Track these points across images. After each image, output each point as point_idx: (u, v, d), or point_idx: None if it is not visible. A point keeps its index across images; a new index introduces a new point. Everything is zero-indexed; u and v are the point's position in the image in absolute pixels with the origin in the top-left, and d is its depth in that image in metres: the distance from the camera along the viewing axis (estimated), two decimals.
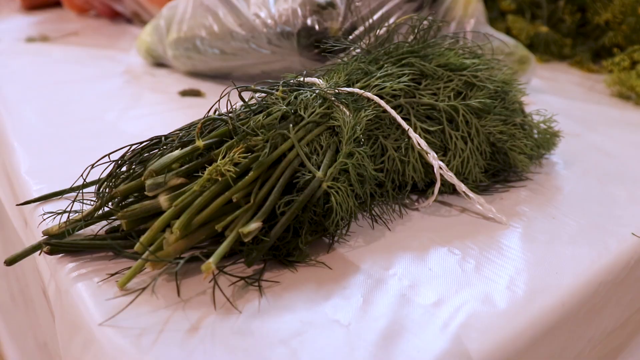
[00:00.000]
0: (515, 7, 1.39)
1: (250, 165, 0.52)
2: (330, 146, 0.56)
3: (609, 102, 1.10)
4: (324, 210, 0.55)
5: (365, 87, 0.62)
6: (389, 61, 0.67)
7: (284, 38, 0.84)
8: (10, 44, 1.31)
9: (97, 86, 1.04)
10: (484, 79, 0.67)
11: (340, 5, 0.84)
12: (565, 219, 0.66)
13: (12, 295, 1.21)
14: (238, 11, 0.91)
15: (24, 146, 0.79)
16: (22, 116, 0.90)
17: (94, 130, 0.85)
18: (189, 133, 0.58)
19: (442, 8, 0.96)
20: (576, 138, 0.90)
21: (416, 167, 0.61)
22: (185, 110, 0.91)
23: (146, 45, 1.10)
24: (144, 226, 0.53)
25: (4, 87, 1.02)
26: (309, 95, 0.59)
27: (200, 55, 0.98)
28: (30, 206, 0.65)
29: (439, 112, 0.64)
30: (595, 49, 1.37)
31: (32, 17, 1.60)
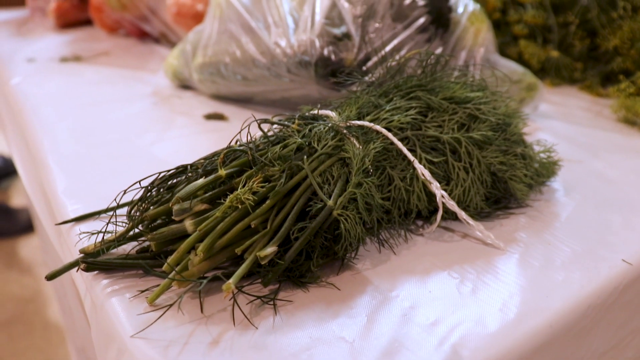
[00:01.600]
0: (528, 32, 1.43)
1: (268, 194, 0.58)
2: (340, 176, 0.62)
3: (614, 128, 1.14)
4: (334, 235, 0.60)
5: (375, 120, 0.68)
6: (398, 94, 0.72)
7: (302, 67, 0.90)
8: (45, 63, 1.38)
9: (127, 107, 1.10)
10: (487, 112, 0.73)
11: (355, 37, 0.89)
12: (560, 245, 0.71)
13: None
14: (260, 39, 0.97)
15: (60, 166, 0.86)
16: (57, 136, 0.96)
17: (125, 152, 0.91)
18: (212, 162, 0.64)
19: (453, 38, 1.01)
20: (578, 164, 0.95)
21: (420, 197, 0.66)
22: (210, 134, 0.97)
23: (173, 69, 1.17)
24: (171, 247, 0.59)
25: (41, 108, 1.09)
26: (323, 128, 0.65)
27: (224, 80, 1.04)
28: (67, 225, 0.71)
29: (443, 143, 0.69)
30: (606, 73, 1.41)
31: (65, 35, 1.67)
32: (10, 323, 2.13)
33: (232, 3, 1.05)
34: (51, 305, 2.21)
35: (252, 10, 1.02)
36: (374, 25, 0.91)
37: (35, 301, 2.26)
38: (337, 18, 0.91)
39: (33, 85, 1.22)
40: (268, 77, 0.96)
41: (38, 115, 1.05)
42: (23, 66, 1.35)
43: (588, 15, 1.39)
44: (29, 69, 1.34)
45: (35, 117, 1.04)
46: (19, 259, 2.62)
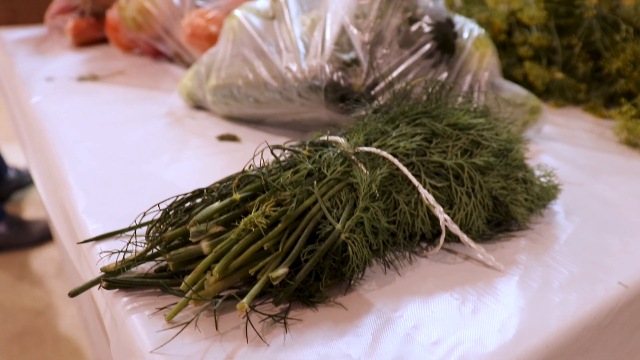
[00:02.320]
0: (533, 53, 1.46)
1: (280, 218, 0.62)
2: (348, 201, 0.65)
3: (616, 150, 1.17)
4: (342, 257, 0.64)
5: (382, 146, 0.71)
6: (404, 120, 0.76)
7: (313, 92, 0.94)
8: (64, 82, 1.42)
9: (143, 127, 1.14)
10: (489, 138, 0.76)
11: (363, 63, 0.93)
12: (558, 267, 0.74)
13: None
14: (272, 64, 1.01)
15: (79, 186, 0.89)
16: (76, 156, 1.00)
17: (142, 172, 0.95)
18: (227, 186, 0.67)
19: (458, 62, 1.05)
20: (579, 187, 0.98)
21: (425, 220, 0.70)
22: (223, 155, 1.01)
23: (187, 90, 1.21)
24: (188, 267, 0.63)
25: (60, 127, 1.13)
26: (332, 154, 0.68)
27: (237, 102, 1.08)
28: (88, 243, 0.75)
29: (447, 169, 0.73)
30: (609, 94, 1.44)
31: (82, 54, 1.72)
32: (22, 335, 2.17)
33: (245, 27, 1.09)
34: (62, 318, 2.24)
35: (264, 35, 1.06)
36: (381, 51, 0.94)
37: (47, 313, 2.29)
38: (347, 44, 0.95)
39: (52, 104, 1.26)
40: (279, 100, 0.99)
41: (58, 135, 1.09)
42: (42, 85, 1.39)
43: (591, 38, 1.42)
44: (48, 87, 1.38)
45: (55, 136, 1.08)
46: (31, 271, 2.66)
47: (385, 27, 0.95)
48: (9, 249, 2.84)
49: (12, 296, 2.42)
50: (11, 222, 2.87)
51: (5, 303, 2.37)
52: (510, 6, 1.50)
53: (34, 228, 2.91)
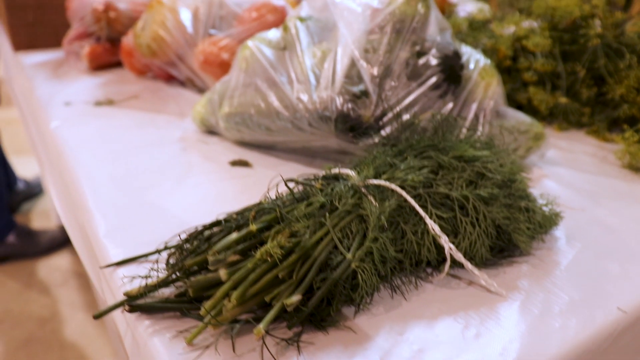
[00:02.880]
0: (537, 78, 1.50)
1: (294, 248, 0.66)
2: (359, 231, 0.69)
3: (618, 174, 1.20)
4: (352, 284, 0.67)
5: (390, 178, 0.75)
6: (412, 153, 0.80)
7: (323, 122, 0.98)
8: (81, 106, 1.46)
9: (158, 152, 1.18)
10: (493, 170, 0.80)
11: (372, 95, 0.97)
12: (559, 293, 0.77)
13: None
14: (284, 94, 1.05)
15: (100, 210, 0.93)
16: (96, 181, 1.04)
17: (159, 197, 0.99)
18: (244, 216, 0.71)
19: (464, 92, 1.08)
20: (581, 212, 1.01)
21: (430, 249, 0.73)
22: (236, 181, 1.05)
23: (201, 116, 1.25)
24: (207, 293, 0.67)
25: (79, 152, 1.17)
26: (343, 187, 0.72)
27: (249, 130, 1.12)
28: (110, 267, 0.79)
29: (452, 200, 0.76)
30: (613, 118, 1.47)
31: (98, 77, 1.76)
32: (29, 342, 2.22)
33: (258, 58, 1.13)
34: (68, 326, 2.31)
35: (276, 65, 1.10)
36: (390, 83, 0.98)
37: (54, 321, 2.35)
38: (356, 77, 0.99)
39: (71, 128, 1.31)
40: (290, 129, 1.03)
41: (77, 159, 1.13)
42: (61, 109, 1.44)
43: (595, 65, 1.45)
44: (66, 112, 1.42)
45: (75, 161, 1.12)
46: (39, 279, 2.71)
47: (394, 60, 0.99)
48: (18, 258, 2.90)
49: (21, 304, 2.48)
50: (20, 232, 2.93)
51: (14, 310, 2.44)
52: (515, 32, 1.54)
53: (42, 238, 2.97)
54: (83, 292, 2.57)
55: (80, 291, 2.57)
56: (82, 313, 2.39)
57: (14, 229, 2.91)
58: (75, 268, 2.78)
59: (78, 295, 2.56)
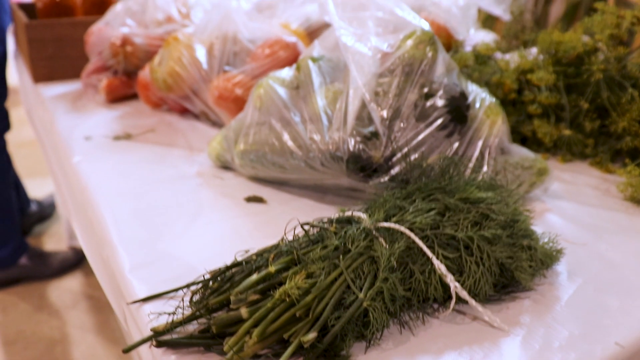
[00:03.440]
0: (541, 111, 1.54)
1: (310, 289, 0.71)
2: (370, 272, 0.74)
3: (620, 207, 1.23)
4: (364, 321, 0.72)
5: (400, 221, 0.80)
6: (420, 196, 0.85)
7: (335, 162, 1.03)
8: (101, 141, 1.52)
9: (176, 187, 1.23)
10: (497, 211, 0.85)
11: (382, 137, 1.02)
12: (559, 328, 0.81)
13: None
14: (297, 134, 1.10)
15: (124, 246, 0.99)
16: (118, 217, 1.09)
17: (179, 233, 1.04)
18: (263, 257, 0.76)
19: (470, 131, 1.13)
20: (582, 247, 1.05)
21: (437, 288, 0.78)
22: (251, 217, 1.10)
23: (216, 152, 1.31)
24: (229, 330, 0.72)
25: (101, 187, 1.22)
26: (355, 230, 0.77)
27: (263, 167, 1.17)
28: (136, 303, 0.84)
29: (458, 240, 0.81)
30: (616, 149, 1.51)
31: (115, 110, 1.82)
32: None
33: (272, 97, 1.19)
34: (78, 347, 2.38)
35: (290, 105, 1.16)
36: (399, 125, 1.04)
37: (63, 342, 2.42)
38: (367, 118, 1.04)
39: (92, 163, 1.36)
40: (304, 168, 1.08)
41: (100, 195, 1.19)
42: (81, 144, 1.50)
43: (598, 99, 1.50)
44: (86, 147, 1.48)
45: (98, 197, 1.18)
46: (50, 301, 2.77)
47: (403, 102, 1.04)
48: (30, 280, 2.95)
49: (32, 325, 2.55)
50: (32, 254, 2.98)
51: (25, 331, 2.50)
52: (520, 66, 1.59)
53: (53, 259, 3.03)
54: (93, 315, 2.62)
55: (90, 313, 2.63)
56: (92, 335, 2.45)
57: (27, 252, 2.97)
58: (85, 290, 2.83)
59: (88, 317, 2.61)
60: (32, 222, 3.49)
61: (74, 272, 3.00)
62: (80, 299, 2.76)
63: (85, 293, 2.82)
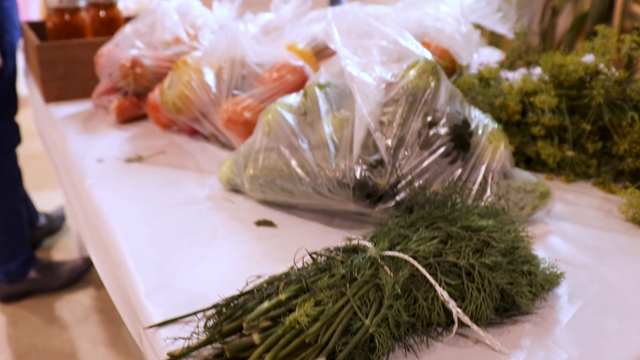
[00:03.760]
0: (545, 132, 1.57)
1: (319, 316, 0.74)
2: (376, 299, 0.78)
3: (621, 229, 1.26)
4: (370, 346, 0.76)
5: (404, 249, 0.84)
6: (423, 224, 0.88)
7: (342, 189, 1.06)
8: (113, 163, 1.56)
9: (188, 211, 1.27)
10: (497, 238, 0.88)
11: (387, 165, 1.06)
12: (558, 350, 0.84)
13: None
14: (305, 160, 1.14)
15: (139, 271, 1.02)
16: (133, 240, 1.13)
17: (192, 257, 1.08)
18: (273, 285, 0.80)
19: (473, 157, 1.16)
20: (583, 269, 1.08)
21: (440, 313, 0.82)
22: (262, 241, 1.14)
23: (227, 176, 1.34)
24: (242, 355, 0.75)
25: (114, 210, 1.26)
26: (361, 259, 0.81)
27: (272, 192, 1.21)
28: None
29: (460, 268, 0.85)
30: (619, 170, 1.53)
31: (125, 131, 1.86)
32: None
33: (280, 123, 1.23)
34: None
35: (297, 132, 1.20)
36: (404, 153, 1.07)
37: (75, 356, 2.46)
38: (372, 146, 1.08)
39: (105, 187, 1.40)
40: (311, 193, 1.12)
41: (113, 218, 1.22)
42: (94, 166, 1.54)
43: (600, 122, 1.53)
44: (99, 169, 1.52)
45: (112, 220, 1.22)
46: (60, 314, 2.80)
47: (407, 131, 1.08)
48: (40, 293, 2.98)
49: (43, 339, 2.59)
50: (41, 267, 3.01)
51: (37, 345, 2.55)
52: (523, 88, 1.61)
53: (62, 270, 3.05)
54: (104, 328, 2.64)
55: (101, 327, 2.65)
56: (104, 348, 2.48)
57: (36, 265, 3.00)
58: (96, 303, 2.86)
59: (99, 330, 2.64)
60: (41, 236, 3.52)
61: (85, 285, 3.03)
62: (91, 312, 2.79)
63: (96, 306, 2.85)
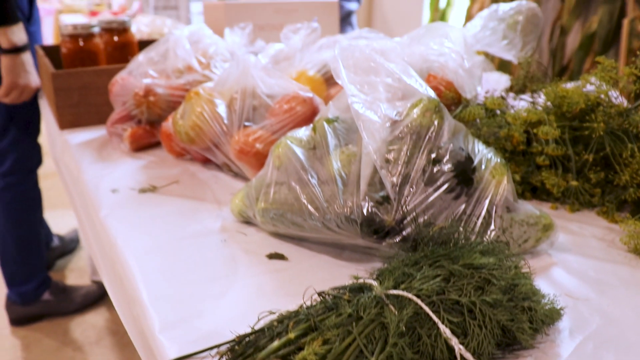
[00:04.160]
0: (549, 162, 1.60)
1: (326, 354, 0.78)
2: (381, 337, 0.81)
3: (624, 260, 1.28)
4: None
5: (408, 288, 0.87)
6: (427, 262, 0.92)
7: (350, 224, 1.10)
8: (127, 193, 1.60)
9: (201, 243, 1.30)
10: (498, 276, 0.91)
11: (393, 202, 1.10)
12: None
13: None
14: (314, 195, 1.18)
15: (153, 306, 1.06)
16: (148, 274, 1.17)
17: (204, 292, 1.11)
18: (283, 324, 0.84)
19: (477, 191, 1.20)
20: (585, 302, 1.11)
21: (443, 350, 0.85)
22: (273, 275, 1.17)
23: (239, 209, 1.38)
24: None
25: (129, 242, 1.30)
26: (367, 298, 0.84)
27: (283, 225, 1.24)
28: None
29: (462, 305, 0.88)
30: (622, 199, 1.56)
31: (139, 160, 1.90)
32: None
33: (290, 158, 1.27)
34: None
35: (307, 166, 1.24)
36: (409, 189, 1.11)
37: None
38: (379, 183, 1.12)
39: (120, 218, 1.44)
40: (321, 228, 1.16)
41: (128, 251, 1.26)
42: (108, 196, 1.58)
43: (601, 153, 1.56)
44: (113, 199, 1.56)
45: (126, 252, 1.25)
46: (74, 337, 2.83)
47: (412, 168, 1.12)
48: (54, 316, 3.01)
49: None
50: (55, 290, 3.04)
51: None
52: (528, 119, 1.65)
53: (76, 294, 3.09)
54: (118, 351, 2.67)
55: (115, 350, 2.68)
56: None
57: (50, 287, 3.03)
58: (109, 326, 2.89)
59: (113, 353, 2.66)
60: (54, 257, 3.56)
61: (98, 307, 3.06)
62: (105, 335, 2.82)
63: (110, 329, 2.88)
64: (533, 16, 2.13)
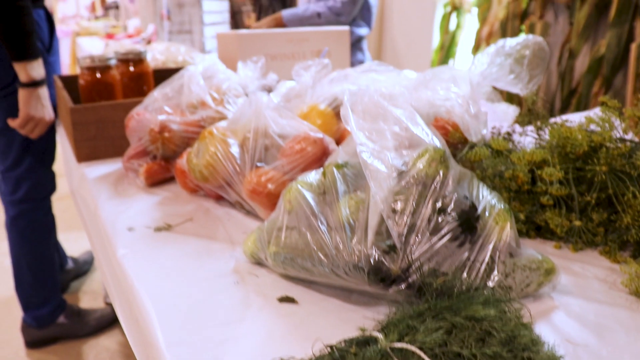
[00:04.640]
0: (553, 202, 1.64)
1: None
2: None
3: (624, 303, 1.31)
4: None
5: (411, 341, 0.92)
6: (430, 314, 0.97)
7: (357, 272, 1.15)
8: (143, 232, 1.65)
9: (214, 286, 1.35)
10: (498, 328, 0.96)
11: (400, 251, 1.14)
12: None
13: None
14: (323, 242, 1.23)
15: (169, 350, 1.10)
16: (165, 318, 1.21)
17: (218, 337, 1.15)
18: None
19: (481, 238, 1.24)
20: (584, 348, 1.15)
21: None
22: (283, 319, 1.21)
23: (251, 251, 1.43)
24: None
25: (145, 284, 1.35)
26: (373, 352, 0.89)
27: (293, 269, 1.29)
28: None
29: (463, 357, 0.92)
30: (624, 239, 1.60)
31: (154, 195, 1.96)
32: None
33: (300, 203, 1.32)
34: None
35: (317, 212, 1.28)
36: (414, 238, 1.16)
37: None
38: (385, 232, 1.17)
39: (136, 258, 1.49)
40: (329, 274, 1.21)
41: (145, 292, 1.31)
42: (125, 235, 1.63)
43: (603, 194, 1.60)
44: (130, 238, 1.61)
45: (144, 294, 1.30)
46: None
47: (418, 217, 1.17)
48: (67, 339, 3.07)
49: None
50: (70, 313, 3.10)
51: None
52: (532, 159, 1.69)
53: (90, 318, 3.14)
54: None
55: None
56: None
57: (65, 310, 3.09)
58: (122, 349, 2.93)
59: None
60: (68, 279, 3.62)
61: (111, 330, 3.11)
62: (118, 358, 2.86)
63: (122, 352, 2.92)
64: (540, 50, 2.18)
